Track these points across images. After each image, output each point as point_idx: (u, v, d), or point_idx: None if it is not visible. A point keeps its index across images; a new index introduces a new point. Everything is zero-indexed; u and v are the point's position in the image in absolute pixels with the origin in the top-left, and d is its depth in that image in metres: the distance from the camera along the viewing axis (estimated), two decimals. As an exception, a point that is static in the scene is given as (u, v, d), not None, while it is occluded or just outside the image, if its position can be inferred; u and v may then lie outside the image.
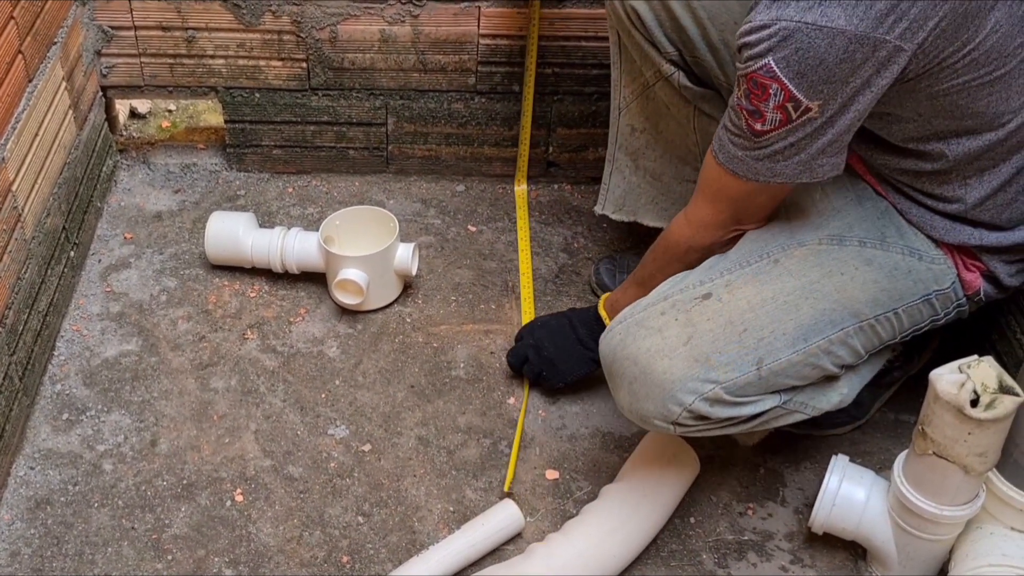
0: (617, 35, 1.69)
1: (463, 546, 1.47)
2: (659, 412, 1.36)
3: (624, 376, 1.39)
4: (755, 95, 1.24)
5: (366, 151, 2.11)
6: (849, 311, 1.39)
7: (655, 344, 1.37)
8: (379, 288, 1.84)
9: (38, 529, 1.52)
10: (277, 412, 1.69)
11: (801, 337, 1.37)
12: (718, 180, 1.38)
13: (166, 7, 1.93)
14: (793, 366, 1.37)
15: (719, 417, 1.37)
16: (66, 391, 1.71)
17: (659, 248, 1.53)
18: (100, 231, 1.99)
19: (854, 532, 1.48)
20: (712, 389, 1.34)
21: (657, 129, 1.74)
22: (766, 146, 1.28)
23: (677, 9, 1.57)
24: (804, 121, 1.24)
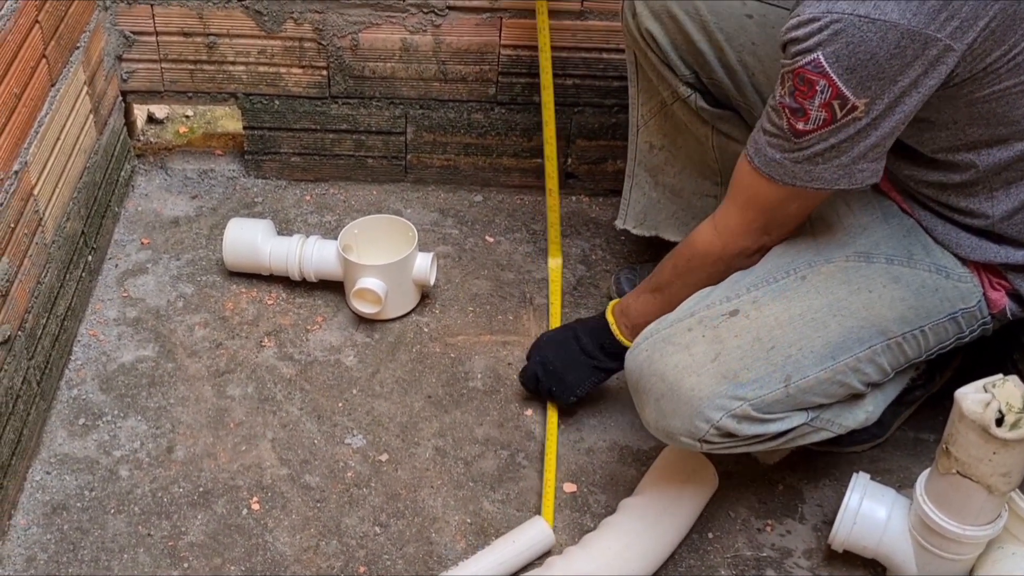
0: (634, 54, 1.69)
1: (493, 564, 1.46)
2: (686, 429, 1.36)
3: (651, 393, 1.38)
4: (800, 92, 1.22)
5: (385, 160, 2.11)
6: (877, 328, 1.38)
7: (683, 361, 1.36)
8: (397, 297, 1.83)
9: (54, 534, 1.51)
10: (294, 420, 1.69)
11: (829, 355, 1.36)
12: (752, 186, 1.35)
13: (188, 13, 1.93)
14: (821, 383, 1.36)
15: (746, 434, 1.36)
16: (83, 396, 1.70)
17: (681, 256, 1.50)
18: (117, 236, 1.99)
19: (874, 550, 1.47)
20: (740, 406, 1.34)
21: (676, 146, 1.74)
22: (807, 147, 1.26)
23: (692, 31, 1.57)
24: (849, 121, 1.22)
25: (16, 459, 1.53)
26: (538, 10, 1.81)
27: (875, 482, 1.50)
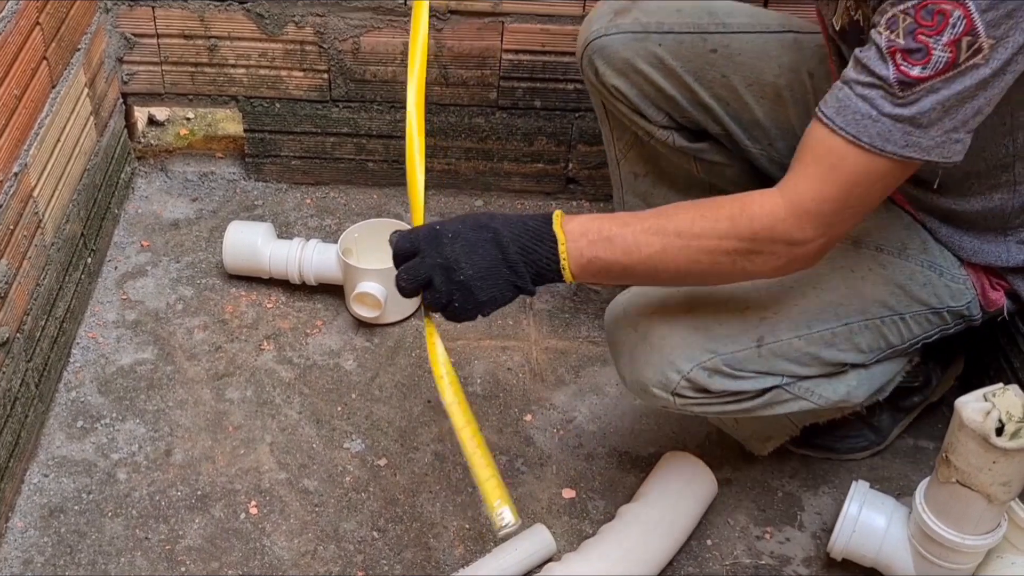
0: (600, 102, 1.66)
1: (495, 570, 1.46)
2: (658, 380, 1.33)
3: (625, 343, 1.37)
4: (924, 28, 1.08)
5: (385, 163, 2.11)
6: (856, 307, 1.37)
7: (657, 311, 1.35)
8: (396, 302, 1.83)
9: (51, 537, 1.51)
10: (293, 424, 1.68)
11: (804, 323, 1.35)
12: (832, 152, 1.15)
13: (189, 16, 1.93)
14: (794, 350, 1.35)
15: (719, 390, 1.34)
16: (81, 398, 1.70)
17: (709, 211, 1.20)
18: (117, 238, 1.99)
19: (874, 559, 1.46)
20: (711, 359, 1.32)
21: (659, 170, 1.71)
22: (913, 102, 1.10)
23: (660, 80, 1.55)
24: (970, 67, 1.09)
25: (14, 461, 1.52)
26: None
27: (874, 490, 1.49)
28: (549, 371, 1.79)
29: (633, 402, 1.75)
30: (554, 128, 2.05)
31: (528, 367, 1.80)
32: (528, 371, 1.79)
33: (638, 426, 1.72)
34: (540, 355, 1.82)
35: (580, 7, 1.91)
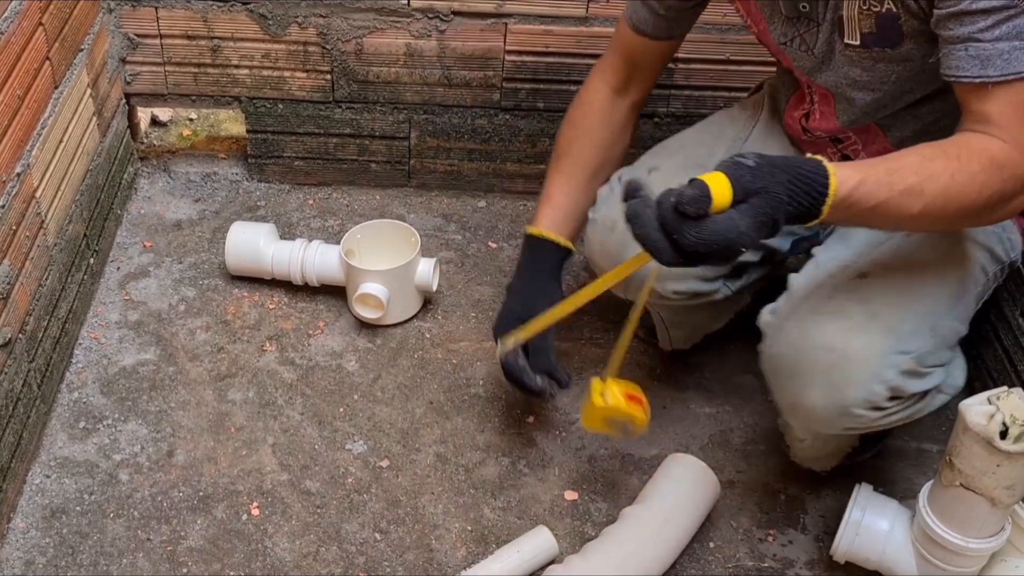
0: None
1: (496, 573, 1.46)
2: (864, 397, 1.30)
3: (817, 368, 1.31)
4: None
5: (388, 165, 2.11)
6: (973, 277, 1.38)
7: (844, 324, 1.30)
8: (399, 303, 1.83)
9: (53, 538, 1.51)
10: (295, 425, 1.68)
11: (954, 302, 1.35)
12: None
13: (192, 16, 1.93)
14: (953, 332, 1.35)
15: (909, 392, 1.32)
16: (83, 399, 1.70)
17: (964, 150, 1.18)
18: (119, 239, 1.99)
19: (877, 562, 1.46)
20: (906, 360, 1.30)
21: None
22: None
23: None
24: None
25: (16, 462, 1.52)
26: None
27: (878, 493, 1.49)
28: (552, 373, 1.79)
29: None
30: (557, 129, 2.04)
31: (531, 369, 1.79)
32: (531, 373, 1.79)
33: (641, 428, 1.72)
34: (543, 357, 1.82)
35: (583, 8, 1.91)
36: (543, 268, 1.58)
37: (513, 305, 1.57)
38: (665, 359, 1.83)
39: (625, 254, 1.38)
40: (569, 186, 1.58)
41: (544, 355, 1.54)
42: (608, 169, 1.60)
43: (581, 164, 1.59)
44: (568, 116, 1.62)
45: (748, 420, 1.74)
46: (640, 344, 1.84)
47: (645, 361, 1.82)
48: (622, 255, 1.40)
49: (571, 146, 1.59)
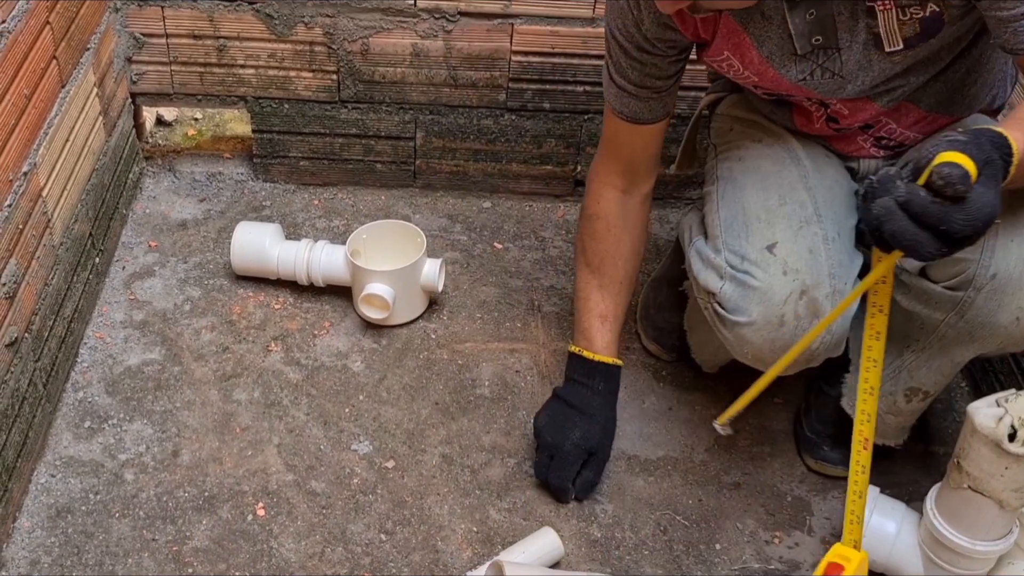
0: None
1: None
2: None
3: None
4: None
5: (394, 165, 2.10)
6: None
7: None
8: (405, 303, 1.82)
9: (58, 537, 1.50)
10: (300, 426, 1.68)
11: None
12: None
13: (198, 16, 1.92)
14: None
15: None
16: (88, 399, 1.69)
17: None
18: (125, 238, 1.98)
19: (884, 564, 1.46)
20: None
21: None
22: None
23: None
24: None
25: (21, 461, 1.52)
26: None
27: (885, 495, 1.49)
28: (557, 374, 1.78)
29: (642, 405, 1.74)
30: (563, 130, 2.05)
31: (536, 370, 1.79)
32: (536, 374, 1.79)
33: (646, 430, 1.71)
34: (548, 358, 1.81)
35: (590, 9, 1.90)
36: (613, 399, 1.65)
37: (582, 448, 1.58)
38: (671, 362, 1.82)
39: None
40: (615, 304, 1.63)
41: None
42: (639, 266, 1.67)
43: (619, 278, 1.63)
44: (586, 229, 1.63)
45: (754, 422, 1.74)
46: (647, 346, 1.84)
47: (650, 363, 1.82)
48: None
49: (603, 264, 1.62)
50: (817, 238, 1.41)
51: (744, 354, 1.45)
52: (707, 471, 1.66)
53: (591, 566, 1.52)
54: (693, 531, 1.58)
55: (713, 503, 1.62)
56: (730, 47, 1.40)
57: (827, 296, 1.39)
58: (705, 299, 1.47)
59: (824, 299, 1.39)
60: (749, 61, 1.40)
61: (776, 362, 1.32)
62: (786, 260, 1.40)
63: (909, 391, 1.50)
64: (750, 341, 1.42)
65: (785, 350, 1.37)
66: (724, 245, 1.45)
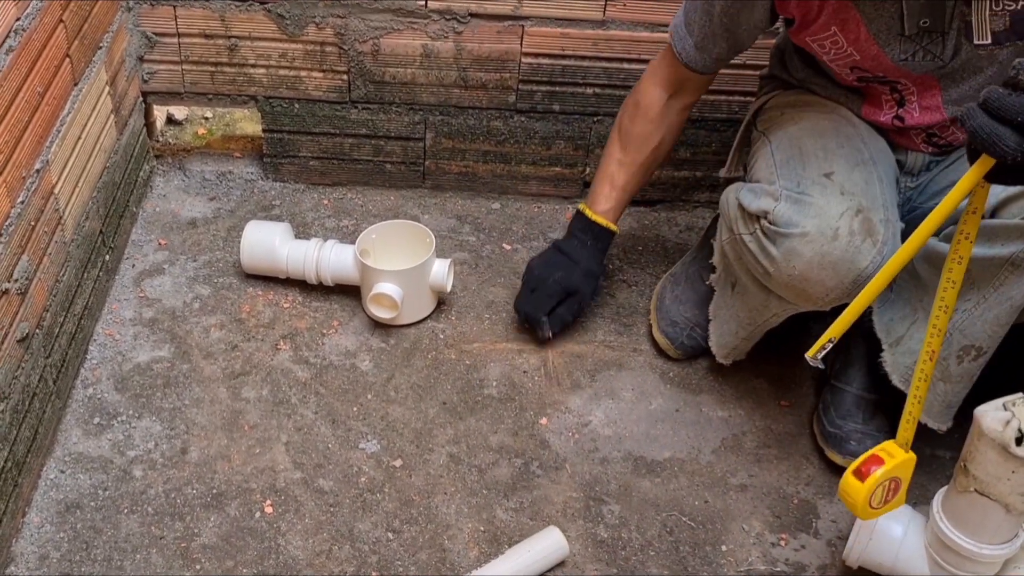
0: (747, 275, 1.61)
1: (507, 572, 1.46)
2: None
3: None
4: None
5: (403, 165, 2.11)
6: None
7: None
8: (413, 303, 1.83)
9: (67, 533, 1.51)
10: (308, 424, 1.69)
11: None
12: None
13: (210, 15, 1.93)
14: None
15: None
16: (98, 395, 1.70)
17: None
18: (135, 236, 1.99)
19: (890, 567, 1.46)
20: None
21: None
22: None
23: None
24: None
25: (31, 457, 1.53)
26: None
27: (891, 499, 1.49)
28: (565, 375, 1.79)
29: (648, 407, 1.75)
30: (572, 132, 2.05)
31: (544, 371, 1.80)
32: (544, 375, 1.79)
33: (653, 431, 1.72)
34: (556, 359, 1.82)
35: (600, 12, 1.91)
36: (599, 256, 1.80)
37: (561, 285, 1.77)
38: (679, 363, 1.83)
39: (857, 260, 1.40)
40: (630, 181, 1.77)
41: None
42: (661, 162, 1.79)
43: (641, 161, 1.75)
44: (628, 112, 1.75)
45: (760, 424, 1.74)
46: (653, 347, 1.85)
47: (658, 364, 1.83)
48: (853, 263, 1.41)
49: (631, 144, 1.74)
50: (873, 176, 1.48)
51: (790, 272, 1.47)
52: (713, 472, 1.66)
53: (597, 566, 1.52)
54: (699, 532, 1.58)
55: (719, 504, 1.62)
56: (838, 23, 1.45)
57: (882, 221, 1.43)
58: (750, 227, 1.51)
59: (879, 223, 1.43)
60: (855, 38, 1.45)
61: (825, 292, 1.42)
62: (843, 184, 1.45)
63: (962, 350, 1.49)
64: (800, 254, 1.44)
65: (833, 269, 1.42)
66: (779, 177, 1.51)
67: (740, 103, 2.00)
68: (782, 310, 1.59)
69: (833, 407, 1.69)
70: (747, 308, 1.64)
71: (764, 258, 1.49)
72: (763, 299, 1.59)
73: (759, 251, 1.50)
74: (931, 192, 1.59)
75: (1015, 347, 1.55)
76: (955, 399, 1.56)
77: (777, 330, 1.74)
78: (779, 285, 1.50)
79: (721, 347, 1.75)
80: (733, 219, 1.56)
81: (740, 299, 1.65)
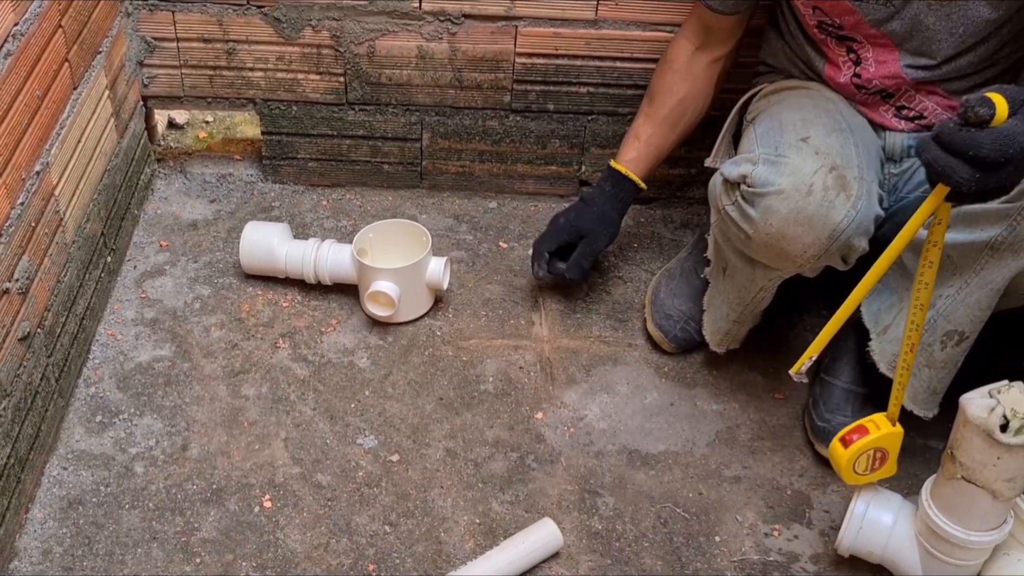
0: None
1: (502, 563, 1.48)
2: None
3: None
4: None
5: (400, 166, 2.13)
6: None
7: None
8: (410, 301, 1.85)
9: (69, 528, 1.54)
10: (307, 420, 1.71)
11: None
12: None
13: (208, 20, 1.96)
14: None
15: None
16: (100, 394, 1.73)
17: None
18: (136, 238, 2.02)
19: (880, 556, 1.48)
20: None
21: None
22: None
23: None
24: None
25: (34, 454, 1.55)
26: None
27: (882, 488, 1.51)
28: (560, 370, 1.81)
29: (643, 401, 1.77)
30: (567, 131, 2.07)
31: (539, 366, 1.82)
32: (540, 370, 1.81)
33: (648, 424, 1.74)
34: (552, 354, 1.84)
35: (592, 11, 1.93)
36: (617, 205, 1.84)
37: (571, 224, 1.83)
38: (672, 356, 1.84)
39: (831, 215, 1.43)
40: (654, 134, 1.80)
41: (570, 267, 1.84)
42: (690, 119, 1.81)
43: (664, 114, 1.79)
44: (656, 69, 1.81)
45: (754, 417, 1.76)
46: (648, 342, 1.87)
47: (653, 358, 1.84)
48: (827, 218, 1.44)
49: (656, 96, 1.80)
50: (849, 142, 1.51)
51: (768, 231, 1.49)
52: (707, 465, 1.68)
53: (591, 557, 1.54)
54: (693, 523, 1.60)
55: (713, 496, 1.64)
56: None
57: (856, 178, 1.46)
58: (731, 196, 1.54)
59: (853, 179, 1.45)
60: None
61: (779, 253, 1.47)
62: (818, 146, 1.49)
63: (946, 336, 1.52)
64: (776, 211, 1.47)
65: (808, 224, 1.45)
66: (759, 146, 1.55)
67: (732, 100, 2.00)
68: (768, 280, 1.61)
69: (823, 401, 1.71)
70: (736, 288, 1.67)
71: (744, 222, 1.52)
72: (749, 273, 1.62)
73: (739, 216, 1.53)
74: (917, 181, 1.61)
75: (998, 334, 1.56)
76: (940, 385, 1.58)
77: (770, 324, 1.76)
78: (759, 247, 1.52)
79: (715, 333, 1.76)
80: (718, 195, 1.58)
81: (730, 281, 1.68)
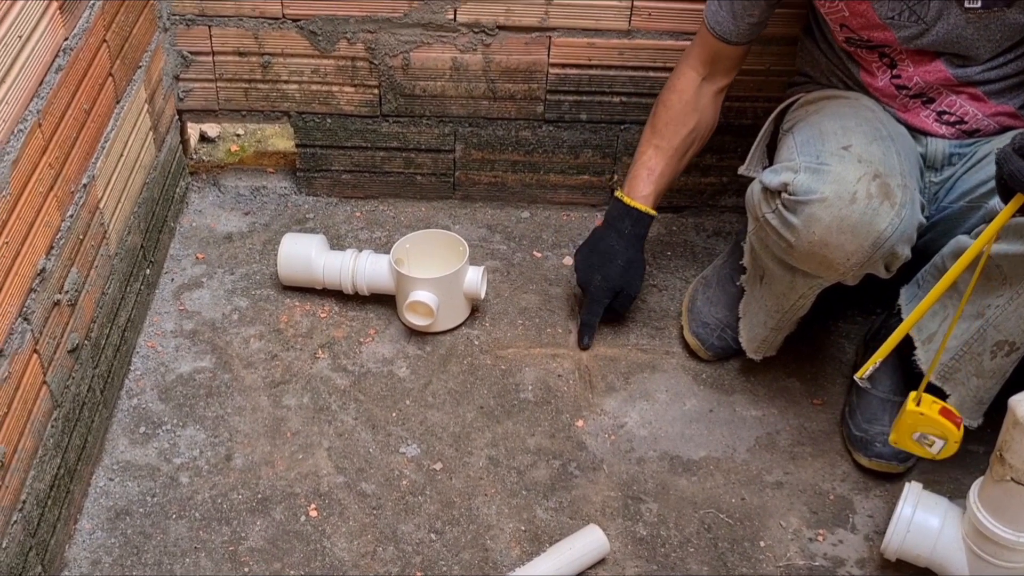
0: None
1: (550, 568, 1.49)
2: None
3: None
4: None
5: (434, 177, 2.15)
6: None
7: None
8: (448, 310, 1.86)
9: (118, 538, 1.55)
10: (349, 430, 1.72)
11: None
12: None
13: (244, 33, 1.98)
14: None
15: None
16: (142, 405, 1.74)
17: None
18: (173, 251, 2.03)
19: (928, 559, 1.48)
20: None
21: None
22: None
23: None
24: None
25: (81, 465, 1.56)
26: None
27: (928, 491, 1.51)
28: (599, 378, 1.82)
29: (683, 407, 1.77)
30: (600, 141, 2.09)
31: (578, 374, 1.82)
32: (578, 378, 1.82)
33: (688, 431, 1.74)
34: (590, 362, 1.85)
35: (625, 21, 1.94)
36: (639, 243, 1.83)
37: (608, 286, 1.82)
38: (711, 364, 1.85)
39: (875, 223, 1.45)
40: (667, 167, 1.79)
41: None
42: (696, 149, 1.82)
43: (676, 145, 1.79)
44: (662, 98, 1.80)
45: (794, 422, 1.76)
46: (685, 350, 1.87)
47: (690, 365, 1.85)
48: (871, 225, 1.45)
49: (666, 128, 1.78)
50: (891, 150, 1.52)
51: (811, 239, 1.49)
52: (749, 470, 1.69)
53: (637, 563, 1.54)
54: (737, 529, 1.60)
55: (756, 502, 1.64)
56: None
57: (899, 186, 1.47)
58: (771, 204, 1.54)
59: (896, 187, 1.46)
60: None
61: (846, 257, 1.47)
62: (860, 154, 1.50)
63: (996, 346, 1.52)
64: (819, 219, 1.47)
65: (852, 232, 1.45)
66: (799, 154, 1.55)
67: (764, 108, 2.02)
68: (808, 288, 1.61)
69: (859, 410, 1.71)
70: (774, 295, 1.67)
71: (785, 230, 1.52)
72: (789, 281, 1.62)
73: (781, 224, 1.53)
74: (959, 192, 1.61)
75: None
76: (987, 395, 1.58)
77: (806, 330, 1.76)
78: (801, 256, 1.53)
79: (751, 340, 1.77)
80: (756, 204, 1.58)
81: (767, 288, 1.68)
